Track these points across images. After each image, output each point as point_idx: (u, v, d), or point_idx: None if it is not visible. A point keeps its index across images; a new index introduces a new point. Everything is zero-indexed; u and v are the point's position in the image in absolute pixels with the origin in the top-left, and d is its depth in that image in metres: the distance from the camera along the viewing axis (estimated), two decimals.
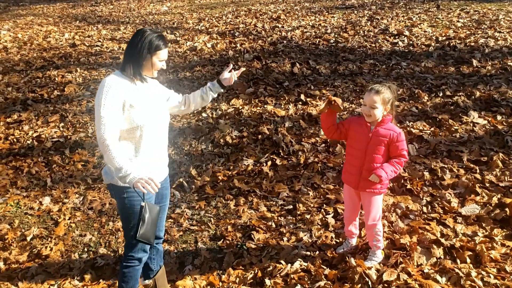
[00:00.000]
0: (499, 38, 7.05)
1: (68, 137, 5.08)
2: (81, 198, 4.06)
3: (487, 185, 3.57)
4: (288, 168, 4.16)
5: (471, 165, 3.84)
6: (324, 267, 2.87)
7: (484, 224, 3.15)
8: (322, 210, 3.51)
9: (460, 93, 5.20)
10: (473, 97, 5.07)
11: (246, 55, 7.14)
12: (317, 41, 7.77)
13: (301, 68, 6.46)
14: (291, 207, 3.62)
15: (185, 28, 9.68)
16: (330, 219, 3.37)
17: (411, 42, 7.23)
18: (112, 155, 2.14)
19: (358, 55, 6.92)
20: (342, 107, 2.59)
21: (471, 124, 4.49)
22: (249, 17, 10.29)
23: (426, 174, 3.78)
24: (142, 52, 2.24)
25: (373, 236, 2.83)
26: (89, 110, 5.64)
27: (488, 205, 3.32)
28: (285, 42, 7.83)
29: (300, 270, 2.87)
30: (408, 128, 4.50)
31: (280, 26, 9.07)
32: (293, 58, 6.90)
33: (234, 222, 3.53)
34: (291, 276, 2.81)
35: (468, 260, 2.80)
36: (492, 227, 3.11)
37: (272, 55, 7.13)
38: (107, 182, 2.37)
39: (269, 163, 4.23)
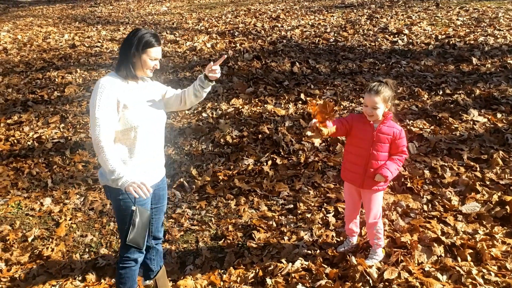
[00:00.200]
0: (499, 36, 7.04)
1: (69, 138, 5.08)
2: (82, 199, 4.07)
3: (488, 183, 3.57)
4: (289, 167, 4.16)
5: (471, 163, 3.85)
6: (325, 266, 2.87)
7: (485, 222, 3.15)
8: (323, 209, 3.51)
9: (460, 91, 5.20)
10: (473, 95, 5.07)
11: (246, 55, 7.14)
12: (317, 40, 7.77)
13: (301, 67, 6.46)
14: (292, 206, 3.63)
15: (185, 28, 9.68)
16: (331, 218, 3.38)
17: (411, 41, 7.22)
18: (106, 157, 2.13)
19: (358, 54, 6.92)
20: (333, 111, 2.50)
21: (471, 122, 4.49)
22: (249, 17, 10.29)
23: (427, 173, 3.78)
24: (133, 50, 2.23)
25: (374, 234, 2.84)
26: (89, 111, 5.64)
27: (489, 203, 3.32)
28: (285, 42, 7.82)
29: (301, 269, 2.87)
30: (408, 127, 4.50)
31: (280, 26, 9.07)
32: (293, 58, 6.90)
33: (235, 222, 3.54)
34: (292, 275, 2.81)
35: (469, 258, 2.81)
36: (493, 225, 3.11)
37: (272, 55, 7.13)
38: (103, 184, 2.36)
39: (270, 163, 4.23)
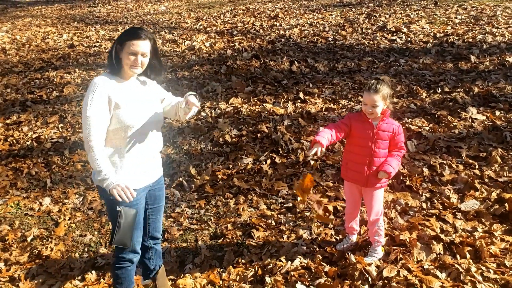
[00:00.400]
0: (497, 34, 7.04)
1: (68, 138, 5.08)
2: (81, 199, 4.07)
3: (486, 181, 3.57)
4: (288, 166, 4.16)
5: (470, 161, 3.85)
6: (324, 264, 2.87)
7: (484, 220, 3.16)
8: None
9: (459, 89, 5.20)
10: (472, 93, 5.08)
11: (245, 54, 7.14)
12: (315, 39, 7.77)
13: (300, 66, 6.46)
14: (291, 205, 3.63)
15: (183, 28, 9.67)
16: (330, 216, 3.38)
17: (409, 39, 7.22)
18: (95, 157, 2.13)
19: (356, 53, 6.91)
20: (310, 185, 2.58)
21: (470, 120, 4.50)
22: (247, 16, 10.28)
23: (425, 171, 3.78)
24: (116, 45, 2.21)
25: (376, 232, 2.84)
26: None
27: (487, 201, 3.33)
28: (283, 41, 7.82)
29: (300, 267, 2.88)
30: (407, 125, 4.50)
31: (278, 25, 9.06)
32: (292, 56, 6.90)
33: (234, 221, 3.54)
34: (291, 274, 2.82)
35: (468, 256, 2.81)
36: (492, 222, 3.12)
37: (271, 54, 7.12)
38: (96, 183, 2.35)
39: (269, 161, 4.23)
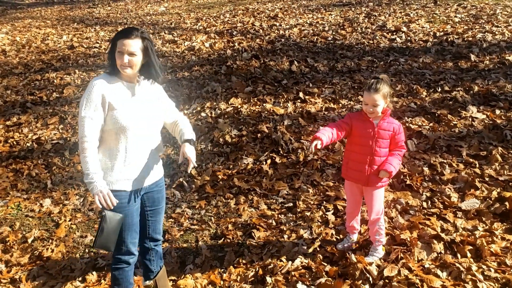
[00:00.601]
0: (497, 33, 7.03)
1: (68, 139, 5.09)
2: (82, 200, 4.07)
3: (487, 179, 3.57)
4: (288, 166, 4.16)
5: (471, 160, 3.85)
6: (325, 264, 2.87)
7: (484, 218, 3.15)
8: (322, 207, 3.51)
9: (459, 88, 5.19)
10: (472, 92, 5.07)
11: (244, 54, 7.14)
12: (315, 39, 7.76)
13: (299, 66, 6.46)
14: (291, 205, 3.63)
15: (183, 28, 9.67)
16: (330, 216, 3.38)
17: (409, 38, 7.22)
18: (86, 159, 2.11)
19: (356, 52, 6.91)
20: None
21: (470, 119, 4.49)
22: (247, 16, 10.28)
23: (426, 170, 3.78)
24: (111, 45, 2.20)
25: (377, 231, 2.84)
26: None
27: (488, 199, 3.32)
28: (283, 41, 7.82)
29: (301, 267, 2.88)
30: (407, 124, 4.50)
31: (278, 25, 9.06)
32: (291, 56, 6.90)
33: (235, 221, 3.54)
34: (292, 273, 2.81)
35: (469, 255, 2.81)
36: (492, 221, 3.11)
37: (270, 54, 7.12)
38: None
39: (269, 162, 4.23)
